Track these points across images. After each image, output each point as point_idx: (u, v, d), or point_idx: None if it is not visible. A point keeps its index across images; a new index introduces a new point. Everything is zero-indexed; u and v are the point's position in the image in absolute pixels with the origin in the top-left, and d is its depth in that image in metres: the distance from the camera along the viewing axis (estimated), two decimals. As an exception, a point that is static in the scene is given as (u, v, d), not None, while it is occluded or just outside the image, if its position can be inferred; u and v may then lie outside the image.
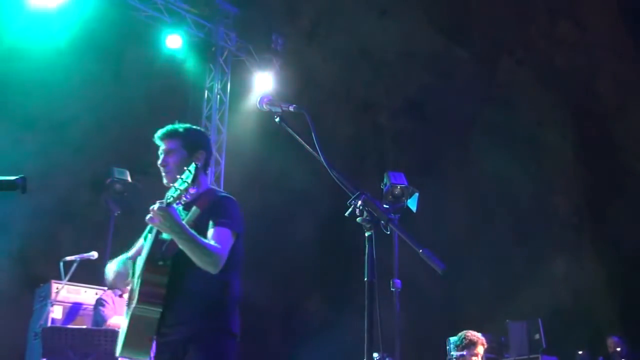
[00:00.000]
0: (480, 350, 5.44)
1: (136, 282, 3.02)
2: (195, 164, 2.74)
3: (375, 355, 2.18)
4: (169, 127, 3.24)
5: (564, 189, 12.57)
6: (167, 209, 2.74)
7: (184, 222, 2.84)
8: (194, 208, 3.02)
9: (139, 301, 2.90)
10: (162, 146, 3.21)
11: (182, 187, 2.70)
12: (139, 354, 3.00)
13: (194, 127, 3.32)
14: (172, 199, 2.73)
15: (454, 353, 5.49)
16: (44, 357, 5.14)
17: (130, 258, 3.34)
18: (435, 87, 11.61)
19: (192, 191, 2.87)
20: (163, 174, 3.19)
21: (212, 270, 2.91)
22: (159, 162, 3.20)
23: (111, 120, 8.83)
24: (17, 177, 2.30)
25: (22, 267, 8.08)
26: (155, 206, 2.76)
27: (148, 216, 2.81)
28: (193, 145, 3.20)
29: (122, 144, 8.90)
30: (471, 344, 5.43)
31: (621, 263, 11.26)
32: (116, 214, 7.96)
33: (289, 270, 10.39)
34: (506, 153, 11.77)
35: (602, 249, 11.84)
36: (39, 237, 8.13)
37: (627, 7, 12.02)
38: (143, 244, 3.29)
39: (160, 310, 2.92)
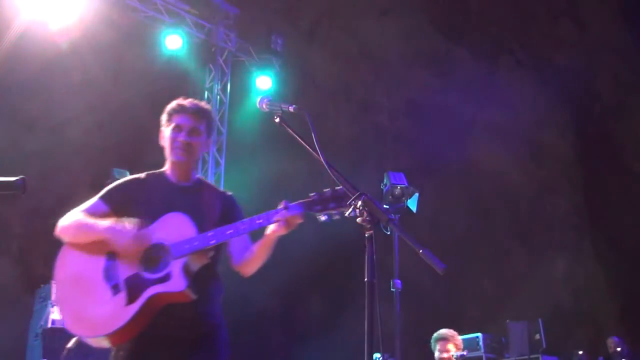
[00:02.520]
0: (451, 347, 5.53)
1: (171, 265, 2.57)
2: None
3: (375, 355, 2.18)
4: (202, 104, 2.95)
5: (564, 189, 12.58)
6: None
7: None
8: (219, 204, 2.85)
9: (187, 288, 2.53)
10: (190, 122, 2.84)
11: (327, 212, 2.56)
12: (112, 340, 2.56)
13: None
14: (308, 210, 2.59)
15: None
16: (44, 358, 5.15)
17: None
18: (435, 87, 11.61)
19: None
20: (179, 149, 2.83)
21: (249, 273, 2.86)
22: (182, 137, 2.82)
23: (111, 120, 8.82)
24: (17, 178, 2.30)
25: (22, 268, 8.07)
26: (297, 216, 2.59)
27: (282, 222, 2.60)
28: (210, 131, 2.99)
29: (122, 144, 8.90)
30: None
31: (621, 263, 11.27)
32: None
33: (289, 271, 10.37)
34: (506, 153, 11.78)
35: (602, 249, 11.85)
36: (39, 237, 8.11)
37: (627, 7, 12.04)
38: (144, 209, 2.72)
39: (193, 301, 2.58)
